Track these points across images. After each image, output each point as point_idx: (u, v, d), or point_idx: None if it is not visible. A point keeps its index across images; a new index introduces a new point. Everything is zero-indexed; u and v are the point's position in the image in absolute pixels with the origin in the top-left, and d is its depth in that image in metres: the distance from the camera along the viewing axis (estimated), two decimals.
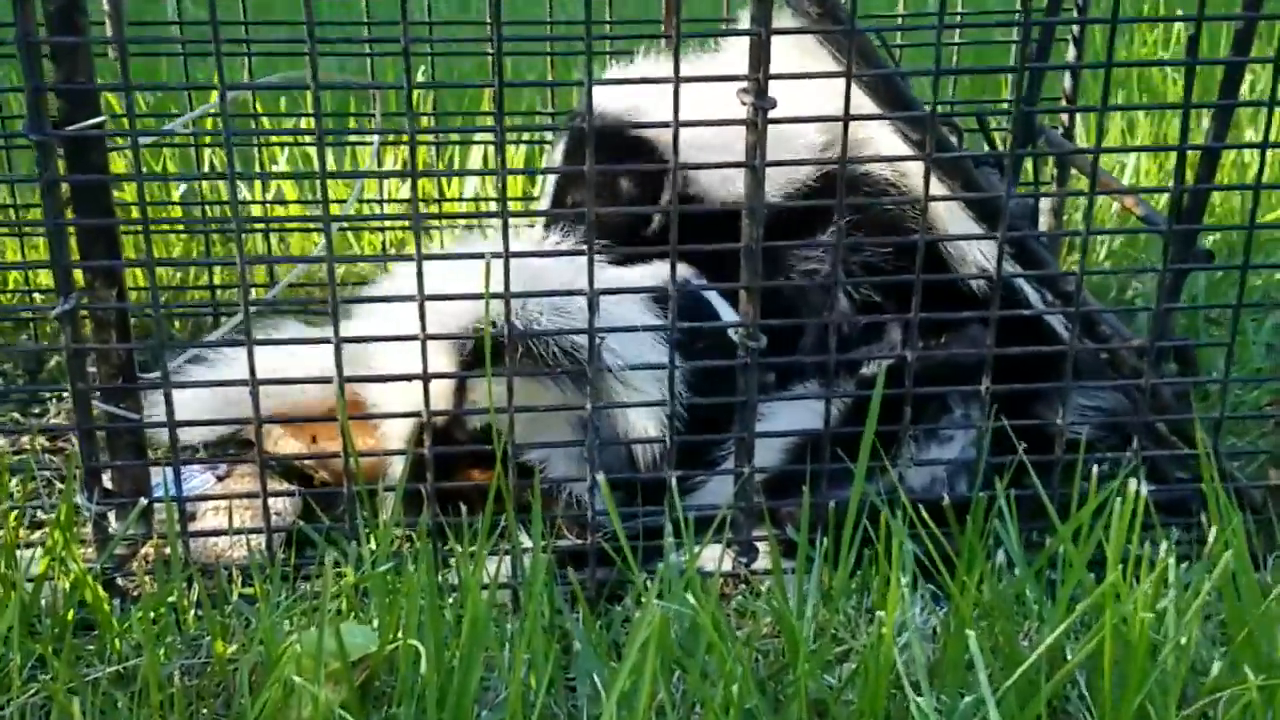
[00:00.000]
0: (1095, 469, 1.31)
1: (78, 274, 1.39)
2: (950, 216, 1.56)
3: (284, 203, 2.38)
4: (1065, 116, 2.07)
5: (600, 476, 1.36)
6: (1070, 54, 2.01)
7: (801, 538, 1.39)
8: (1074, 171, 2.06)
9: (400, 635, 1.22)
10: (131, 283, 2.16)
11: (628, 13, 2.40)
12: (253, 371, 1.37)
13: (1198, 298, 2.14)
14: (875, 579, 1.44)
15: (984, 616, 1.33)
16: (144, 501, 1.38)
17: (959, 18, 2.16)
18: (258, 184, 2.37)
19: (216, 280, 2.21)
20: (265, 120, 2.55)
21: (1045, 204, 2.08)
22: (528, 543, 1.56)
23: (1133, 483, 1.20)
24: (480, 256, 1.36)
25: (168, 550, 1.36)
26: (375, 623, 1.29)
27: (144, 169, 2.38)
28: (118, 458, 1.46)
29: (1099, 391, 1.60)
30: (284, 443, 1.79)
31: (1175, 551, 1.19)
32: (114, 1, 1.27)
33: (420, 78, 2.36)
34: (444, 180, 2.28)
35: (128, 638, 1.33)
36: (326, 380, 1.40)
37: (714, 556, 1.50)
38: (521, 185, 2.47)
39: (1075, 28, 1.98)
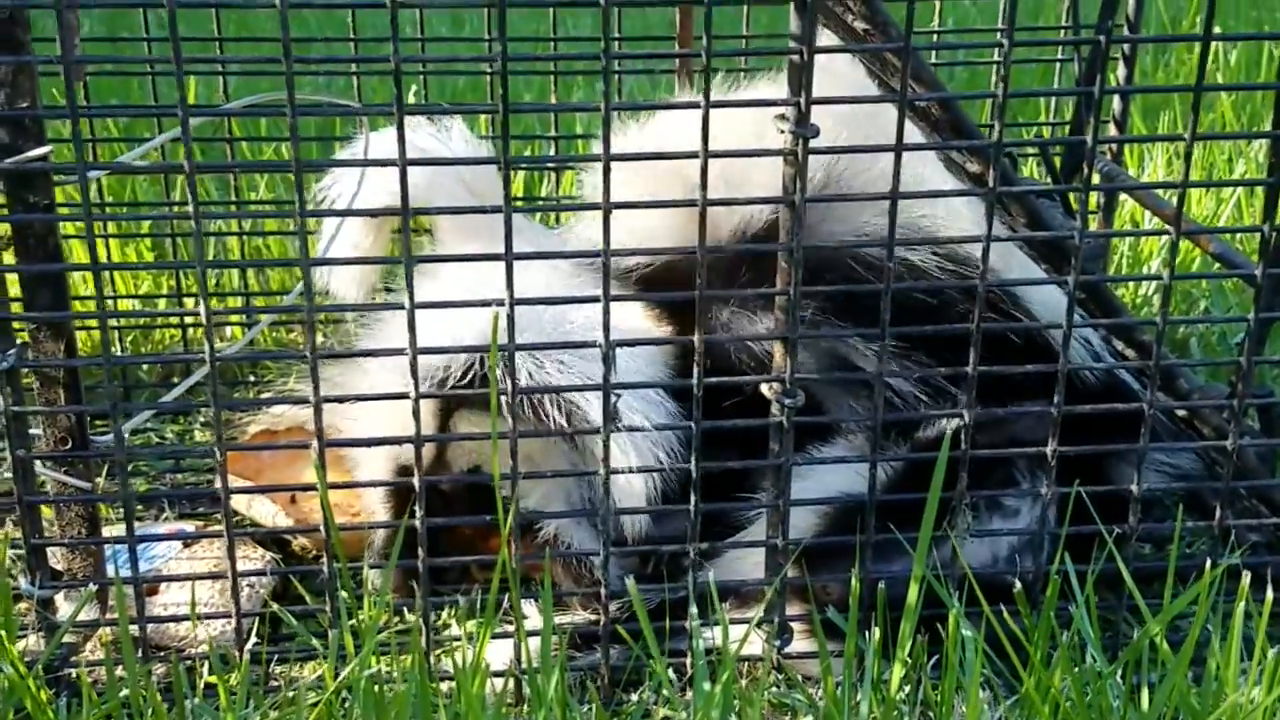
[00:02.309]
0: (1208, 566, 1.14)
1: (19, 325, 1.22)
2: (1020, 266, 1.40)
3: (264, 234, 2.20)
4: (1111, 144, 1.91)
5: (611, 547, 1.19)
6: (1120, 74, 1.85)
7: (850, 626, 1.21)
8: (1123, 198, 1.89)
9: None
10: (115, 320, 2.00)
11: (632, 30, 2.24)
12: (220, 437, 1.20)
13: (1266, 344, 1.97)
14: (926, 661, 1.27)
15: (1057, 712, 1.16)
16: (92, 588, 1.20)
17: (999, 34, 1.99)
18: (234, 206, 2.19)
19: (189, 318, 2.03)
20: (244, 145, 2.38)
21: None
22: (529, 618, 1.40)
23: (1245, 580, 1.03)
24: (483, 304, 1.18)
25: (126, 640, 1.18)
26: None
27: (110, 198, 2.24)
28: (66, 531, 1.28)
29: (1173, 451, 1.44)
30: (258, 502, 1.62)
31: None
32: (62, 18, 1.09)
33: (411, 99, 2.19)
34: None
35: None
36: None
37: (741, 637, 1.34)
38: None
39: (1126, 46, 1.81)
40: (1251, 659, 1.12)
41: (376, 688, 1.11)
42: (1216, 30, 1.21)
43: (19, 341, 1.21)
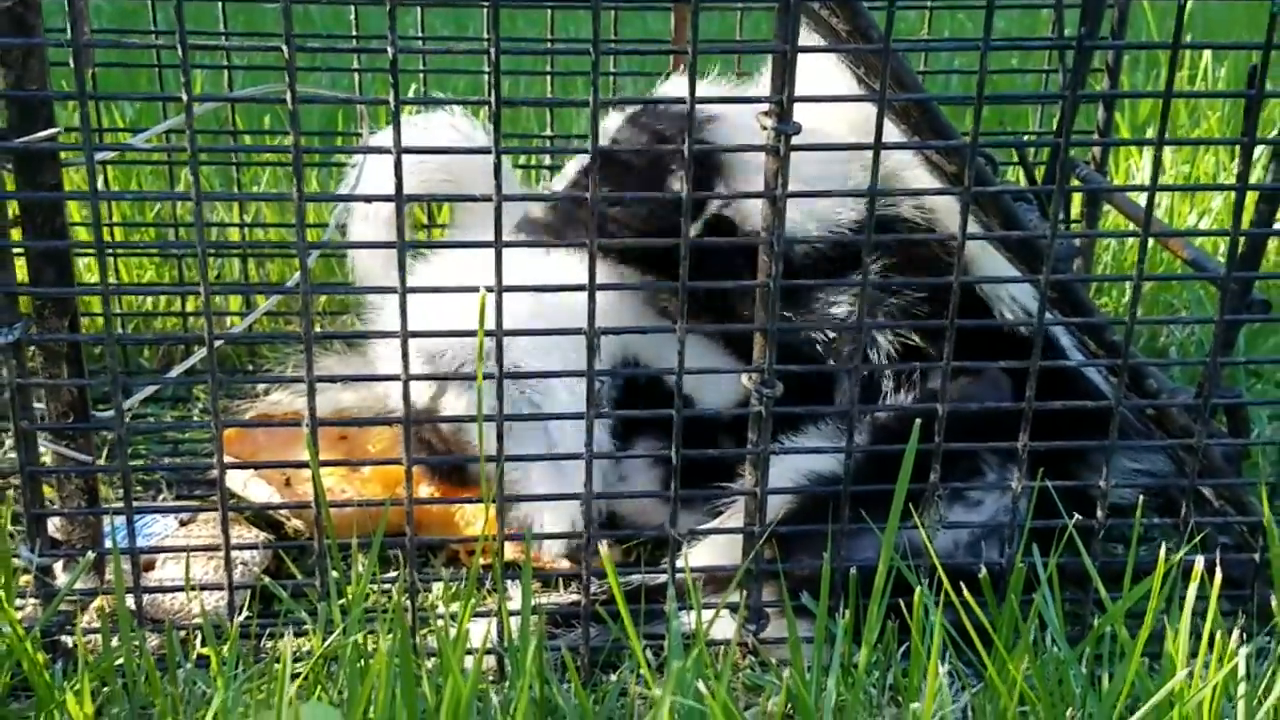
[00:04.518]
0: (1162, 549, 1.17)
1: (25, 300, 1.26)
2: (984, 255, 1.44)
3: (264, 225, 2.24)
4: (1095, 152, 1.95)
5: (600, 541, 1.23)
6: (1104, 85, 1.89)
7: (821, 608, 1.25)
8: (1105, 208, 1.94)
9: (370, 715, 1.08)
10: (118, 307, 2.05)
11: (629, 34, 2.29)
12: (215, 413, 1.24)
13: (1239, 347, 2.01)
14: (897, 651, 1.31)
15: (1023, 701, 1.19)
16: (90, 555, 1.24)
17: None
18: (235, 207, 2.24)
19: (190, 307, 2.08)
20: (247, 138, 2.42)
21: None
22: (512, 599, 1.44)
23: (1199, 562, 1.07)
24: (474, 290, 1.23)
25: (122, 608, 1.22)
26: (344, 694, 1.16)
27: (115, 188, 2.28)
28: (66, 503, 1.32)
29: (1141, 451, 1.48)
30: (254, 484, 1.66)
31: (1244, 645, 1.05)
32: (73, 2, 1.14)
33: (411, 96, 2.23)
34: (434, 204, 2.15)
35: (72, 711, 1.19)
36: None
37: (716, 622, 1.37)
38: None
39: (1110, 55, 1.86)
40: (1211, 647, 1.15)
41: (360, 659, 1.15)
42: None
43: (24, 317, 1.25)
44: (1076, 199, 1.99)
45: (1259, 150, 2.29)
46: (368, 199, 1.24)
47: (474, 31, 3.78)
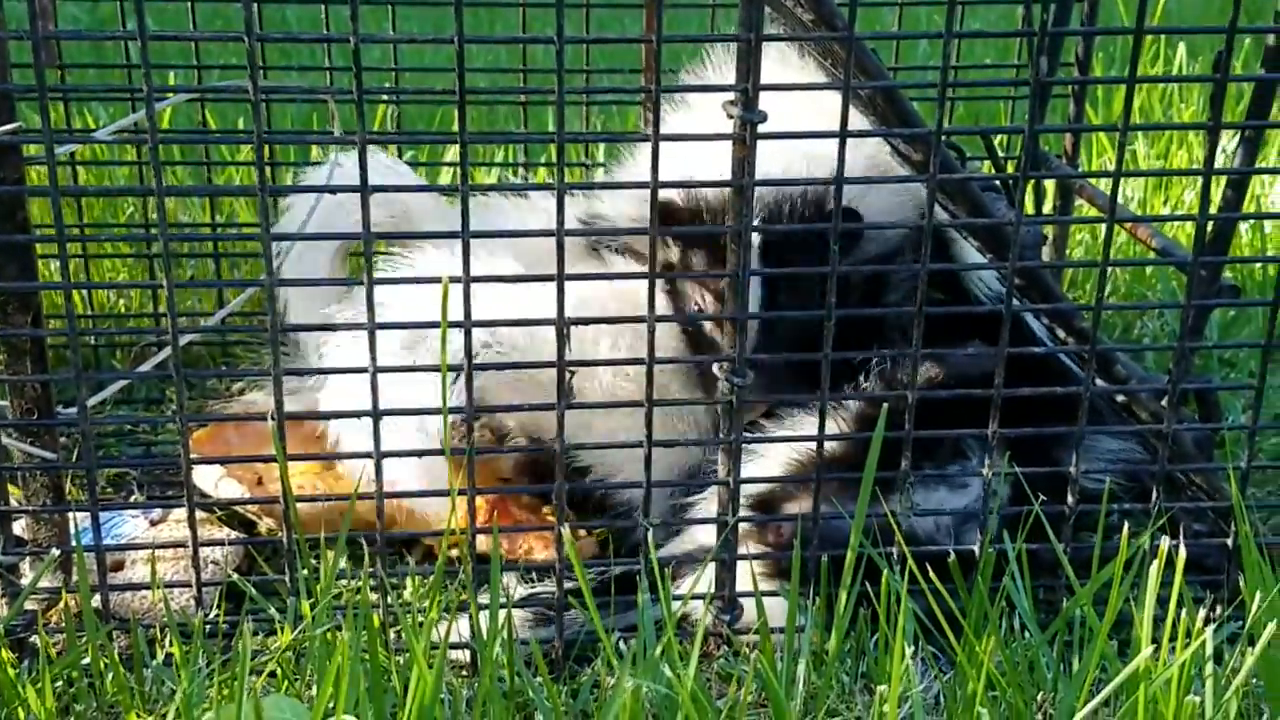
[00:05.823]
0: (1124, 528, 1.17)
1: None
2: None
3: (237, 224, 2.23)
4: (1068, 146, 1.95)
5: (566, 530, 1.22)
6: (1074, 75, 1.90)
7: (791, 596, 1.25)
8: (1078, 202, 1.94)
9: (337, 708, 1.07)
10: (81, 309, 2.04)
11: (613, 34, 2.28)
12: (181, 407, 1.23)
13: (1211, 336, 2.02)
14: (870, 639, 1.31)
15: (993, 685, 1.19)
16: (55, 553, 1.23)
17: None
18: (209, 208, 2.23)
19: (163, 308, 2.06)
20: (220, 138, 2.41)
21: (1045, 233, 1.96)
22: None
23: (1164, 542, 1.07)
24: (437, 281, 1.22)
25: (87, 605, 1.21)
26: (312, 691, 1.15)
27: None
28: (32, 501, 1.31)
29: (1111, 435, 1.48)
30: (225, 484, 1.65)
31: (1212, 624, 1.05)
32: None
33: (383, 97, 2.23)
34: None
35: (34, 706, 1.18)
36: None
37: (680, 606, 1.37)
38: None
39: (1080, 48, 1.86)
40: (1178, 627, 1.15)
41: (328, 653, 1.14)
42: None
43: None
44: (1050, 194, 1.99)
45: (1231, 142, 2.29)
46: (333, 190, 1.24)
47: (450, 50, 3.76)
